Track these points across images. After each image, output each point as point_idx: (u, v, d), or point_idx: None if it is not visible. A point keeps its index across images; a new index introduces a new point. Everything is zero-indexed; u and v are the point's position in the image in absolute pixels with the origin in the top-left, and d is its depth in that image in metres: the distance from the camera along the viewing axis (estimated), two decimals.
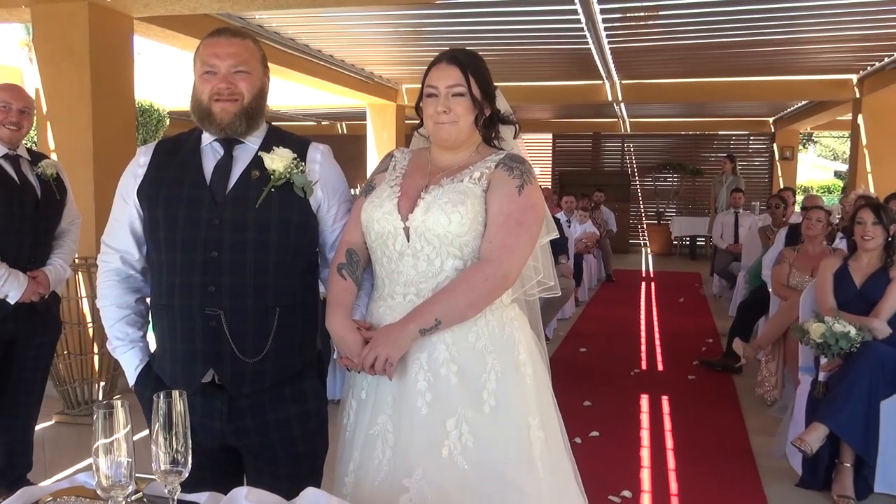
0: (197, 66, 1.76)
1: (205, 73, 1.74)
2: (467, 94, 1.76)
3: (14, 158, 2.88)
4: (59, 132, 4.69)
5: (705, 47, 7.42)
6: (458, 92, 1.76)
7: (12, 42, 14.71)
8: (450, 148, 1.83)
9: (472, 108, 1.78)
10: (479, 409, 1.72)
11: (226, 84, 1.72)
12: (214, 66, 1.73)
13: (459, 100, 1.76)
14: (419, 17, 6.41)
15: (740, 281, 7.21)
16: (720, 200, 9.86)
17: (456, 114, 1.76)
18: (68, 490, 1.44)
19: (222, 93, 1.72)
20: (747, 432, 4.13)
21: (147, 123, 8.91)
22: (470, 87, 1.76)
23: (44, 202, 2.94)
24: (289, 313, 1.76)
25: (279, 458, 1.79)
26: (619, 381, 5.17)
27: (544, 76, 9.45)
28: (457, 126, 1.77)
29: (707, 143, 15.30)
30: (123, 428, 1.07)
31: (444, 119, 1.77)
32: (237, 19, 6.17)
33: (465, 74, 1.76)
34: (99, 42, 4.65)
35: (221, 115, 1.72)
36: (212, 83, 1.73)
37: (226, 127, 1.74)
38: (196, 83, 1.76)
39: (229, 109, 1.72)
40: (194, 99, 1.77)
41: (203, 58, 1.75)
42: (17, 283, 2.80)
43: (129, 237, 1.82)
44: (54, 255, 3.03)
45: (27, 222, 2.87)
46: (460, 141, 1.81)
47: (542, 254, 1.92)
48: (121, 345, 1.84)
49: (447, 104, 1.76)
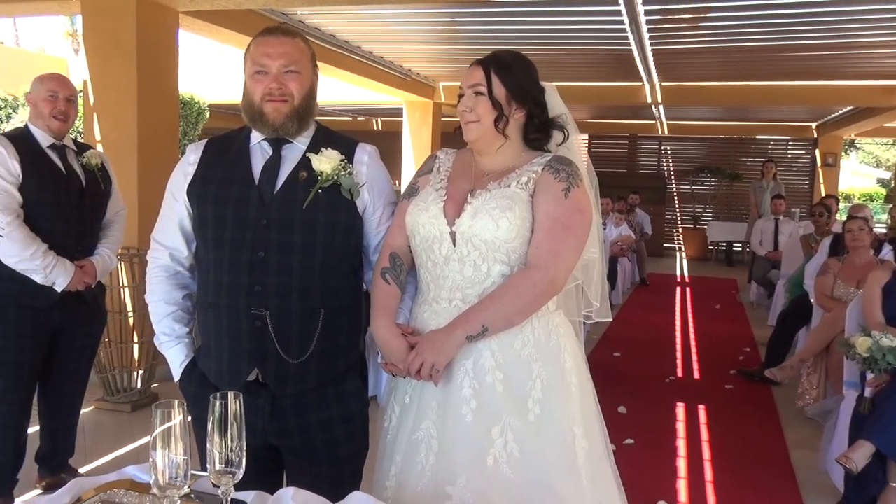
0: (248, 65, 1.76)
1: (256, 73, 1.74)
2: (486, 95, 1.74)
3: (60, 148, 2.93)
4: (105, 124, 4.77)
5: (750, 50, 7.28)
6: (479, 91, 1.75)
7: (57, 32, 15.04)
8: (478, 150, 1.82)
9: (491, 109, 1.75)
10: (525, 418, 1.70)
11: (277, 84, 1.72)
12: (266, 65, 1.72)
13: (479, 99, 1.75)
14: (459, 14, 6.40)
15: (780, 290, 7.07)
16: (761, 206, 9.66)
17: (476, 113, 1.75)
18: (117, 483, 1.46)
19: (273, 93, 1.72)
20: (787, 445, 4.05)
21: (187, 116, 9.03)
22: (490, 88, 1.74)
23: (89, 192, 2.99)
24: (333, 315, 1.75)
25: (321, 458, 1.79)
26: (653, 388, 5.11)
27: (582, 76, 9.37)
28: (478, 126, 1.76)
29: (745, 147, 15.04)
30: (181, 428, 1.07)
31: (465, 118, 1.77)
32: (280, 15, 6.21)
33: (487, 75, 1.74)
34: (145, 35, 4.71)
35: (273, 116, 1.72)
36: (263, 83, 1.73)
37: (278, 127, 1.74)
38: (247, 83, 1.76)
39: (281, 110, 1.72)
40: (246, 99, 1.77)
41: (254, 57, 1.74)
42: (65, 271, 2.84)
43: (179, 234, 1.83)
44: (101, 244, 3.07)
45: (73, 212, 2.91)
46: (484, 142, 1.79)
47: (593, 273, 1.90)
48: (167, 340, 1.85)
49: (468, 103, 1.76)
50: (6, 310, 2.80)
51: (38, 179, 2.80)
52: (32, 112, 2.92)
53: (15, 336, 2.82)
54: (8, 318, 2.81)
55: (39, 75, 2.98)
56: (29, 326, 2.85)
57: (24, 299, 2.82)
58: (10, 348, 2.82)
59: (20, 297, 2.81)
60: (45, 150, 2.87)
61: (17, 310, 2.82)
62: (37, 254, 2.75)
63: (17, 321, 2.82)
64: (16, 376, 2.86)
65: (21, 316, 2.83)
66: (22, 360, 2.86)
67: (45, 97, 2.87)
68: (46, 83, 2.91)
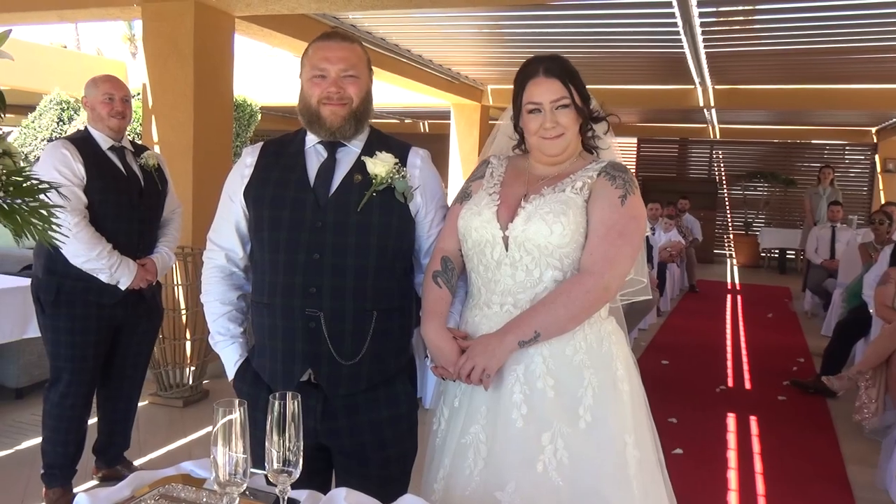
0: (306, 69, 1.78)
1: (315, 77, 1.75)
2: (572, 106, 1.73)
3: (119, 150, 3.01)
4: (163, 126, 4.89)
5: (806, 53, 7.09)
6: (563, 104, 1.73)
7: (115, 37, 15.49)
8: (557, 162, 1.80)
9: (577, 117, 1.76)
10: (575, 425, 1.69)
11: (336, 88, 1.74)
12: (325, 69, 1.74)
13: (565, 111, 1.73)
14: (509, 17, 6.38)
15: (836, 299, 6.86)
16: (817, 213, 9.39)
17: (563, 126, 1.73)
18: (175, 478, 1.49)
19: (332, 97, 1.74)
20: (843, 460, 3.92)
21: (240, 118, 9.21)
22: (573, 98, 1.73)
23: (147, 192, 3.06)
24: (386, 317, 1.77)
25: (370, 459, 1.80)
26: (703, 397, 5.01)
27: (633, 79, 9.25)
28: (565, 138, 1.75)
29: (800, 152, 14.65)
30: (242, 427, 1.09)
31: (551, 134, 1.74)
32: (331, 19, 6.29)
33: (566, 86, 1.73)
34: (202, 40, 4.82)
35: (331, 119, 1.74)
36: (321, 87, 1.74)
37: (335, 130, 1.75)
38: (305, 86, 1.78)
39: (339, 112, 1.74)
40: (303, 101, 1.79)
41: (313, 61, 1.76)
42: (128, 270, 2.93)
43: (234, 235, 1.86)
44: (160, 243, 3.15)
45: (134, 212, 2.99)
46: (569, 153, 1.78)
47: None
48: (222, 339, 1.88)
49: (554, 118, 1.73)
50: (74, 307, 2.89)
51: (102, 181, 2.88)
52: (91, 116, 3.00)
53: (82, 332, 2.92)
54: (76, 315, 2.90)
55: (93, 78, 3.05)
56: (94, 322, 2.94)
57: (90, 297, 2.91)
58: (77, 343, 2.91)
59: (87, 295, 2.90)
60: (106, 152, 2.96)
61: (84, 307, 2.91)
62: (102, 254, 2.83)
63: (85, 317, 2.92)
64: (81, 371, 2.95)
65: (88, 313, 2.92)
66: (87, 356, 2.95)
67: (102, 100, 2.95)
68: (101, 86, 2.98)
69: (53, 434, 2.98)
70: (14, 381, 4.27)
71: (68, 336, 2.90)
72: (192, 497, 1.39)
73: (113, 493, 1.40)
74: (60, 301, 2.88)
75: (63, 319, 2.89)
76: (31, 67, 9.23)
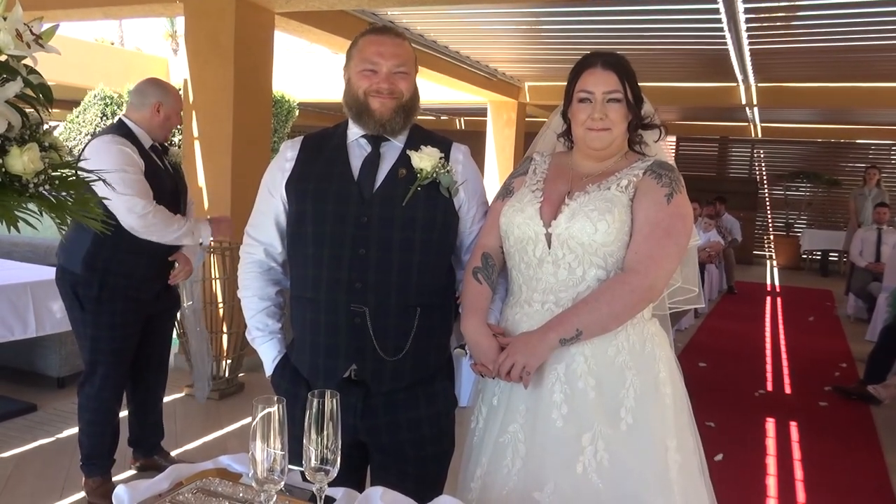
0: (355, 62, 1.76)
1: (365, 70, 1.73)
2: (623, 101, 1.70)
3: (155, 149, 3.03)
4: (203, 121, 4.95)
5: (853, 50, 6.89)
6: (615, 98, 1.70)
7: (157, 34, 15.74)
8: (601, 158, 1.77)
9: (627, 114, 1.73)
10: (616, 427, 1.66)
11: (387, 84, 1.72)
12: (377, 64, 1.73)
13: (615, 106, 1.70)
14: (548, 14, 6.32)
15: (881, 303, 6.67)
16: (863, 214, 9.14)
17: (611, 120, 1.70)
18: (212, 472, 1.50)
19: (382, 91, 1.72)
20: (888, 470, 3.81)
21: (278, 114, 9.29)
22: (626, 93, 1.70)
23: (176, 187, 3.11)
24: (428, 313, 1.75)
25: (408, 457, 1.79)
26: (742, 402, 4.91)
27: (673, 77, 9.10)
28: (611, 134, 1.72)
29: (844, 152, 14.28)
30: (280, 425, 1.08)
31: (598, 125, 1.70)
32: (370, 15, 6.30)
33: (621, 80, 1.70)
34: (243, 36, 4.87)
35: (381, 110, 1.73)
36: (371, 80, 1.73)
37: (385, 122, 1.74)
38: (353, 79, 1.76)
39: (388, 105, 1.73)
40: (350, 94, 1.77)
41: (365, 55, 1.74)
42: (205, 226, 3.07)
43: (274, 230, 1.85)
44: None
45: (172, 207, 3.02)
46: (613, 149, 1.75)
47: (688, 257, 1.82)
48: (260, 335, 1.88)
49: (604, 111, 1.70)
50: (115, 302, 2.93)
51: (151, 175, 2.92)
52: (155, 120, 2.98)
53: (122, 326, 2.96)
54: (116, 310, 2.94)
55: (165, 85, 3.06)
56: (133, 316, 2.99)
57: (131, 292, 2.95)
58: (118, 338, 2.96)
59: (128, 291, 2.94)
60: (148, 150, 2.99)
61: (125, 301, 2.95)
62: (181, 221, 2.95)
63: (125, 312, 2.96)
64: (119, 364, 3.00)
65: (128, 307, 2.96)
66: (126, 348, 3.00)
67: (176, 111, 3.04)
68: (176, 99, 3.05)
69: (90, 426, 3.03)
70: (56, 371, 4.37)
71: (110, 331, 2.93)
72: (228, 491, 1.39)
73: (152, 485, 1.40)
74: (103, 297, 2.91)
75: (106, 315, 2.92)
76: (77, 63, 9.42)
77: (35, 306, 3.98)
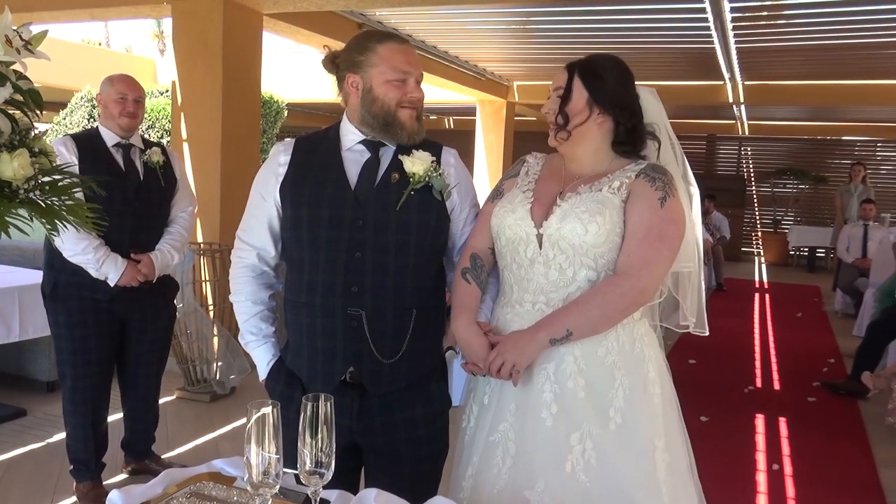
0: (380, 69, 1.73)
1: (396, 80, 1.73)
2: (569, 99, 1.74)
3: (126, 147, 2.99)
4: (191, 122, 4.94)
5: (839, 48, 6.96)
6: (560, 95, 1.75)
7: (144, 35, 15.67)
8: (563, 154, 1.81)
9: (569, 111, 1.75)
10: (605, 426, 1.67)
11: (419, 95, 1.76)
12: (409, 73, 1.74)
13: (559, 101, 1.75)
14: (537, 14, 6.34)
15: (868, 299, 6.73)
16: (849, 211, 9.22)
17: (549, 109, 1.77)
18: (205, 476, 1.50)
19: (414, 101, 1.74)
20: (875, 464, 3.85)
21: (267, 114, 9.24)
22: (570, 93, 1.73)
23: (146, 188, 3.00)
24: (423, 315, 1.76)
25: (403, 457, 1.80)
26: (731, 398, 4.94)
27: (660, 76, 9.12)
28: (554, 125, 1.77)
29: (831, 149, 14.39)
30: (275, 429, 1.09)
31: (549, 119, 1.78)
32: (359, 16, 6.30)
33: (570, 78, 1.74)
34: (231, 37, 4.86)
35: (410, 123, 1.75)
36: (402, 90, 1.73)
37: (414, 133, 1.76)
38: (379, 88, 1.73)
39: (413, 116, 1.75)
40: (376, 103, 1.73)
41: (396, 64, 1.73)
42: (115, 266, 2.88)
43: (267, 234, 1.84)
44: (162, 241, 3.07)
45: (128, 207, 2.93)
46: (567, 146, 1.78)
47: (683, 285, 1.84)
48: (253, 339, 1.87)
49: (550, 106, 1.77)
50: (69, 301, 2.92)
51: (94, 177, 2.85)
52: (102, 112, 2.99)
53: (80, 325, 2.93)
54: (71, 309, 2.92)
55: (109, 77, 3.04)
56: (91, 316, 2.94)
57: (84, 292, 2.92)
58: (76, 337, 2.93)
59: (80, 289, 2.91)
60: (110, 148, 2.95)
61: (79, 301, 2.92)
62: (88, 249, 2.81)
63: (80, 311, 2.93)
64: (84, 364, 2.96)
65: (83, 307, 2.93)
66: (88, 349, 2.95)
67: (115, 98, 2.95)
68: (116, 85, 2.98)
69: (74, 431, 3.02)
70: (45, 375, 4.35)
71: (67, 330, 2.93)
72: (222, 495, 1.40)
73: (145, 490, 1.40)
74: (57, 295, 2.92)
75: (62, 314, 2.93)
76: (63, 65, 9.36)
77: (21, 310, 3.95)
